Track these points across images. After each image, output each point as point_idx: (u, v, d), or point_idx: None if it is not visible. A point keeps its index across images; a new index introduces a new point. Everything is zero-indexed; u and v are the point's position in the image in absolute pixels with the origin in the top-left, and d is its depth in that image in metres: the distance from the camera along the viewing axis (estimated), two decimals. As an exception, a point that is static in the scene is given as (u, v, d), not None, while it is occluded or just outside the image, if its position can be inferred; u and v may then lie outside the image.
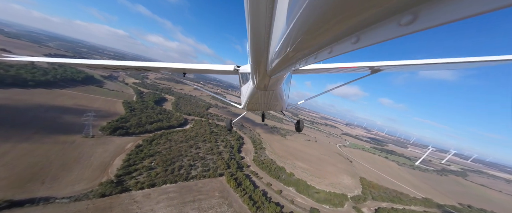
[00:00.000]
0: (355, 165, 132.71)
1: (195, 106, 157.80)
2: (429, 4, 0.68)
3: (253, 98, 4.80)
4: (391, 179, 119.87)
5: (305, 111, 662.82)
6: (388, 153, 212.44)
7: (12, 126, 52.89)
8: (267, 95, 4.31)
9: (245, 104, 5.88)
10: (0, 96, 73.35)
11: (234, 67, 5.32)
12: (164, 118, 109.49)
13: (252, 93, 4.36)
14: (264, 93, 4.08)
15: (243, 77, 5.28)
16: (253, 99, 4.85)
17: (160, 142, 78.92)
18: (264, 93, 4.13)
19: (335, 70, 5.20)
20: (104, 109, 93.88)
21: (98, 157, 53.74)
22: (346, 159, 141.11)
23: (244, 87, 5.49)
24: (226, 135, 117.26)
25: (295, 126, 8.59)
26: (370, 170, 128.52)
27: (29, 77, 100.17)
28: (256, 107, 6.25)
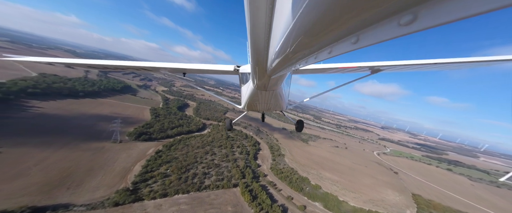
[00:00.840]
0: (402, 177, 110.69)
1: (214, 110, 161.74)
2: (429, 4, 0.67)
3: (253, 98, 4.79)
4: (464, 199, 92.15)
5: (329, 113, 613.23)
6: (451, 164, 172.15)
7: (58, 133, 61.17)
8: (267, 95, 4.31)
9: (245, 104, 5.81)
10: (57, 106, 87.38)
11: (234, 67, 5.26)
12: (185, 123, 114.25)
13: (252, 93, 4.37)
14: (264, 93, 4.10)
15: (243, 77, 5.23)
16: (253, 99, 4.84)
17: (178, 148, 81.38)
18: (264, 93, 4.16)
19: (335, 70, 5.17)
20: (133, 116, 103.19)
21: (121, 163, 57.39)
22: (388, 170, 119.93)
23: (244, 87, 5.45)
24: (242, 140, 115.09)
25: (295, 126, 8.50)
26: (426, 185, 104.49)
27: (80, 88, 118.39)
28: (256, 107, 6.12)
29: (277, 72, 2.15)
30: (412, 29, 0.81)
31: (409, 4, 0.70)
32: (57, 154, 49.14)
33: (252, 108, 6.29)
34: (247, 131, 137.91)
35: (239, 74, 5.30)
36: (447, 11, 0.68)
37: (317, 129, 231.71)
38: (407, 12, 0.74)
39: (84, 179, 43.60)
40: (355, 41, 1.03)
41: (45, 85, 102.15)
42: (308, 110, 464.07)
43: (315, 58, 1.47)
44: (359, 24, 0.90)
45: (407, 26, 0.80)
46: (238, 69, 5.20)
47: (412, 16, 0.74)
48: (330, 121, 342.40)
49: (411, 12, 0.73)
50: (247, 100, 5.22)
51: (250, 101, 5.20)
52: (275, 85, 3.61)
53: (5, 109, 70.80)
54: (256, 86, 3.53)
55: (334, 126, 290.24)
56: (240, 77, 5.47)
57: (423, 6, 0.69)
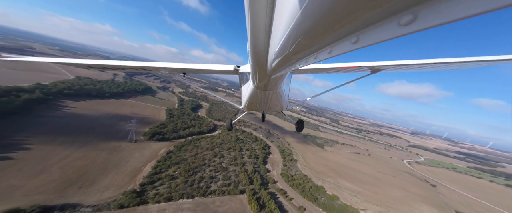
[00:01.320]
0: (442, 191, 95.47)
1: (225, 112, 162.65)
2: (429, 4, 0.67)
3: (253, 98, 4.81)
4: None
5: (348, 116, 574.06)
6: (510, 179, 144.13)
7: (82, 132, 66.47)
8: (267, 95, 4.34)
9: (245, 104, 5.80)
10: (85, 106, 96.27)
11: (234, 67, 5.26)
12: (196, 123, 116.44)
13: (252, 93, 4.39)
14: (264, 93, 4.13)
15: (243, 77, 5.24)
16: (253, 99, 4.86)
17: (188, 149, 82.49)
18: (264, 93, 4.18)
19: (335, 70, 5.18)
20: (150, 116, 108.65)
21: (133, 162, 59.64)
22: (423, 182, 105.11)
23: (244, 87, 5.47)
24: (252, 143, 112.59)
25: (295, 126, 8.35)
26: (476, 202, 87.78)
27: (107, 89, 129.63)
28: (256, 107, 6.16)
29: (277, 72, 2.16)
30: (412, 29, 0.81)
31: (409, 4, 0.70)
32: (77, 152, 52.89)
33: (252, 108, 6.29)
34: (257, 133, 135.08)
35: (239, 74, 5.28)
36: (447, 11, 0.68)
37: (334, 133, 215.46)
38: (407, 12, 0.73)
39: (97, 178, 45.76)
40: (355, 41, 1.02)
41: (78, 87, 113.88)
42: (324, 113, 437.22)
43: (315, 58, 1.46)
44: (359, 24, 0.89)
45: (407, 26, 0.79)
46: (238, 69, 5.18)
47: (412, 16, 0.74)
48: (349, 124, 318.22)
49: (411, 12, 0.73)
50: (247, 100, 5.21)
51: (250, 101, 5.19)
52: (275, 85, 3.61)
53: (43, 108, 79.99)
54: (256, 86, 3.56)
55: (354, 130, 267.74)
56: (240, 77, 5.45)
57: (423, 6, 0.69)
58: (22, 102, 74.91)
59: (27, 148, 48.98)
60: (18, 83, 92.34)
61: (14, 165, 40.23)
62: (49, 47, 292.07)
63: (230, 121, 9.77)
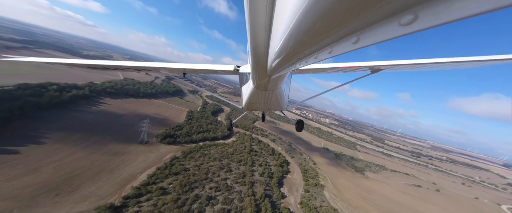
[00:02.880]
0: None
1: (244, 118, 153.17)
2: (429, 4, 0.65)
3: (253, 98, 4.78)
4: None
5: (396, 135, 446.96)
6: None
7: (100, 129, 68.04)
8: (267, 95, 4.30)
9: (245, 104, 5.72)
10: (118, 104, 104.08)
11: (234, 67, 5.20)
12: (212, 128, 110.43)
13: (252, 93, 4.35)
14: (264, 93, 4.10)
15: (243, 77, 5.20)
16: (253, 99, 4.83)
17: (194, 157, 75.12)
18: (264, 93, 4.15)
19: (335, 70, 5.18)
20: (170, 118, 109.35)
21: (132, 168, 55.23)
22: None
23: (244, 87, 5.41)
24: (267, 157, 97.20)
25: (295, 126, 7.86)
26: None
27: (142, 90, 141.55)
28: (256, 107, 6.06)
29: (277, 72, 2.14)
30: (412, 29, 0.80)
31: (410, 4, 0.68)
32: (82, 152, 51.77)
33: (252, 108, 6.14)
34: (276, 145, 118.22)
35: (239, 74, 5.20)
36: (447, 11, 0.67)
37: (378, 155, 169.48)
38: (407, 12, 0.72)
39: (83, 184, 41.64)
40: (355, 41, 1.00)
41: (120, 86, 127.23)
42: (362, 129, 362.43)
43: (315, 58, 1.43)
44: (359, 24, 0.87)
45: (407, 26, 0.78)
46: (238, 69, 5.10)
47: (413, 16, 0.72)
48: (399, 145, 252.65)
49: (412, 12, 0.71)
50: (247, 100, 5.13)
51: (250, 101, 5.13)
52: (275, 85, 3.58)
53: (84, 104, 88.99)
54: (256, 86, 3.55)
55: (408, 153, 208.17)
56: (240, 77, 5.37)
57: (423, 6, 0.67)
58: (68, 97, 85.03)
59: (42, 142, 50.47)
60: (77, 81, 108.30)
61: (12, 161, 39.99)
62: (123, 56, 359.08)
63: (230, 121, 9.19)
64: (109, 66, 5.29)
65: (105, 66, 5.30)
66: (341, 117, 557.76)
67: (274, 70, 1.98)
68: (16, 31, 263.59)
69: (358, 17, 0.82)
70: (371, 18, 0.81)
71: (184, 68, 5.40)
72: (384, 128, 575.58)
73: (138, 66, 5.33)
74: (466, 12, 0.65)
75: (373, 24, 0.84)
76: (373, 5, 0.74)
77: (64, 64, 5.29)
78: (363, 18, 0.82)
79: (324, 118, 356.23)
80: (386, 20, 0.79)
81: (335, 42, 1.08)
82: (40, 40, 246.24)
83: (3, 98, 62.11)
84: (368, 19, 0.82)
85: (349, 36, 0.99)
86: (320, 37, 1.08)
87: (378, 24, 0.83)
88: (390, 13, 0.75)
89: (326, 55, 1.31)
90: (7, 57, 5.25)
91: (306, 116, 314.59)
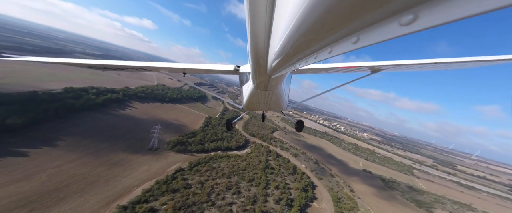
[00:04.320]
0: None
1: (262, 127, 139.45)
2: (429, 4, 0.64)
3: (253, 98, 4.72)
4: None
5: (471, 159, 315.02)
6: None
7: (115, 134, 67.54)
8: (267, 95, 4.27)
9: (245, 104, 5.56)
10: (143, 108, 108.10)
11: (234, 67, 5.16)
12: (227, 137, 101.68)
13: (252, 93, 4.32)
14: (264, 93, 4.07)
15: (243, 77, 5.14)
16: (253, 99, 4.77)
17: (201, 170, 66.31)
18: (264, 93, 4.12)
19: (335, 70, 5.12)
20: (187, 124, 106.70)
21: (131, 178, 49.80)
22: None
23: (244, 87, 5.31)
24: (286, 176, 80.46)
25: (295, 126, 7.89)
26: None
27: (169, 95, 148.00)
28: (256, 107, 6.00)
29: (277, 72, 2.12)
30: (412, 29, 0.78)
31: (409, 4, 0.67)
32: (86, 158, 49.46)
33: (252, 108, 6.08)
34: (298, 161, 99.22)
35: (239, 74, 5.16)
36: (447, 11, 0.65)
37: (453, 185, 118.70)
38: (407, 12, 0.71)
39: (69, 196, 36.95)
40: (355, 41, 0.99)
41: (149, 91, 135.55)
42: (417, 148, 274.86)
43: (315, 58, 1.41)
44: (359, 24, 0.86)
45: (407, 26, 0.77)
46: (238, 69, 5.06)
47: (413, 16, 0.71)
48: (485, 174, 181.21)
49: (412, 12, 0.70)
50: (247, 100, 5.04)
51: (250, 101, 5.05)
52: (275, 85, 3.56)
53: (115, 107, 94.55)
54: (256, 86, 3.51)
55: (503, 186, 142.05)
56: (240, 77, 5.32)
57: (423, 6, 0.66)
58: (102, 100, 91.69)
59: (55, 145, 50.56)
60: (117, 86, 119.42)
61: (15, 165, 38.95)
62: None
63: (230, 121, 8.95)
64: (109, 66, 5.18)
65: (105, 66, 5.18)
66: (383, 132, 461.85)
67: (274, 70, 1.97)
68: (99, 48, 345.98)
69: (358, 17, 0.81)
70: (371, 18, 0.79)
71: (184, 68, 5.36)
72: (449, 149, 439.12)
73: (138, 66, 5.21)
74: (466, 12, 0.64)
75: (373, 24, 0.83)
76: (373, 5, 0.72)
77: (64, 64, 5.15)
78: (363, 18, 0.81)
79: (360, 131, 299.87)
80: (386, 20, 0.77)
81: (335, 42, 1.06)
82: (113, 55, 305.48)
83: (46, 100, 68.96)
84: (368, 19, 0.80)
85: (349, 36, 0.97)
86: (320, 37, 1.06)
87: (378, 24, 0.81)
88: (390, 13, 0.74)
89: (326, 55, 1.29)
90: (7, 57, 5.21)
91: (337, 128, 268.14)
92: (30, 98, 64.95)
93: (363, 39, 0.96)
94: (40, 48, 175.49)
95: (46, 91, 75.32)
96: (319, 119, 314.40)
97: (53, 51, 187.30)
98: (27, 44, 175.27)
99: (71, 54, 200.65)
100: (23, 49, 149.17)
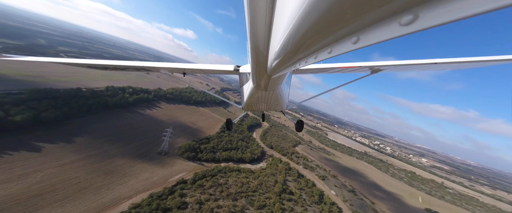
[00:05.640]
0: None
1: (282, 138, 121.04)
2: (429, 4, 0.63)
3: (253, 98, 4.71)
4: None
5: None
6: None
7: (130, 135, 66.46)
8: (267, 95, 4.25)
9: (245, 104, 5.50)
10: (167, 109, 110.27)
11: (234, 67, 5.03)
12: (242, 146, 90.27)
13: (252, 93, 4.28)
14: (264, 93, 4.04)
15: (243, 77, 5.02)
16: (253, 99, 4.76)
17: (204, 185, 56.17)
18: (264, 93, 4.10)
19: (335, 70, 5.04)
20: (204, 128, 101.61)
21: (125, 188, 44.00)
22: None
23: (244, 87, 5.22)
24: (308, 206, 61.36)
25: (295, 126, 7.50)
26: None
27: (194, 97, 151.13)
28: (256, 107, 5.90)
29: (277, 72, 2.09)
30: (412, 29, 0.77)
31: (409, 4, 0.66)
32: (90, 159, 47.14)
33: (252, 108, 5.98)
34: (326, 186, 77.34)
35: (239, 74, 5.04)
36: (447, 11, 0.64)
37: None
38: (407, 12, 0.69)
39: (48, 206, 32.48)
40: (355, 41, 0.98)
41: (177, 93, 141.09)
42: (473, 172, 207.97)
43: (315, 58, 1.39)
44: (359, 24, 0.84)
45: (407, 26, 0.75)
46: (238, 69, 4.95)
47: (412, 16, 0.70)
48: None
49: (411, 12, 0.69)
50: (247, 100, 5.02)
51: (250, 101, 5.02)
52: (275, 85, 3.54)
53: (143, 106, 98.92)
54: (256, 86, 3.46)
55: None
56: (240, 77, 5.17)
57: (423, 6, 0.65)
58: (133, 99, 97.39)
59: (72, 141, 50.79)
60: (148, 86, 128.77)
61: (21, 160, 38.66)
62: None
63: (230, 121, 8.20)
64: (109, 66, 5.16)
65: (105, 66, 5.15)
66: (450, 158, 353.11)
67: (274, 70, 1.95)
68: (155, 57, 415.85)
69: (358, 17, 0.80)
70: (371, 18, 0.78)
71: (184, 68, 5.30)
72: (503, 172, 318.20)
73: (138, 66, 5.17)
74: (466, 12, 0.62)
75: (373, 24, 0.81)
76: (373, 5, 0.71)
77: (64, 64, 5.16)
78: (363, 18, 0.80)
79: (416, 156, 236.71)
80: (386, 20, 0.76)
81: (335, 42, 1.04)
82: None
83: (86, 96, 75.70)
84: (368, 19, 0.79)
85: (349, 36, 0.96)
86: (320, 37, 1.05)
87: (378, 24, 0.80)
88: (390, 13, 0.72)
89: (326, 55, 1.26)
90: (7, 57, 5.24)
91: (382, 149, 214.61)
92: (74, 94, 72.38)
93: (363, 39, 0.94)
94: (116, 57, 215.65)
95: (90, 88, 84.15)
96: (354, 135, 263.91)
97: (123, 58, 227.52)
98: (110, 53, 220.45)
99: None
100: (106, 58, 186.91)
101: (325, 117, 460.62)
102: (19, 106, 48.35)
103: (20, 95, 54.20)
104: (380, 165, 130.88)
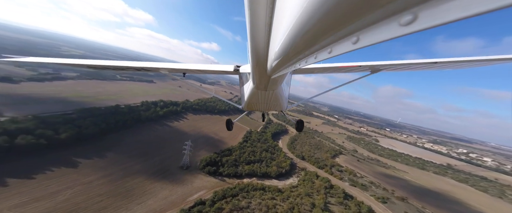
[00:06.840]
0: None
1: (315, 147, 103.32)
2: (429, 4, 0.64)
3: (253, 98, 4.73)
4: None
5: None
6: None
7: (156, 149, 67.51)
8: (267, 95, 4.28)
9: (245, 104, 5.55)
10: (192, 120, 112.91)
11: (234, 67, 5.15)
12: (267, 158, 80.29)
13: (252, 93, 4.30)
14: (264, 93, 4.06)
15: (243, 77, 5.13)
16: (253, 99, 4.79)
17: (224, 208, 49.25)
18: (264, 93, 4.12)
19: (335, 70, 5.16)
20: (225, 138, 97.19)
21: (141, 208, 40.91)
22: None
23: (244, 87, 5.29)
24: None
25: (295, 126, 7.75)
26: None
27: (218, 107, 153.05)
28: (256, 107, 5.95)
29: (277, 72, 2.09)
30: (412, 29, 0.77)
31: (409, 4, 0.67)
32: (114, 175, 47.50)
33: (252, 108, 6.05)
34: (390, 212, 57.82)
35: (239, 74, 5.16)
36: (447, 11, 0.64)
37: None
38: (407, 12, 0.70)
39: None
40: (355, 41, 0.98)
41: (203, 104, 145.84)
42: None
43: (315, 58, 1.39)
44: (359, 24, 0.85)
45: (407, 26, 0.75)
46: (238, 69, 5.05)
47: (412, 16, 0.70)
48: None
49: (411, 12, 0.69)
50: (247, 100, 5.04)
51: (250, 101, 5.05)
52: (275, 85, 3.57)
53: (171, 118, 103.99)
54: (256, 86, 3.50)
55: None
56: (240, 77, 5.33)
57: (423, 6, 0.66)
58: (163, 112, 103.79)
59: (104, 156, 53.58)
60: (178, 99, 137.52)
61: (58, 177, 40.98)
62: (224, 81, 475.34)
63: (230, 121, 8.47)
64: (109, 67, 5.26)
65: (105, 66, 5.25)
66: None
67: (274, 70, 1.95)
68: None
69: (358, 17, 0.80)
70: (371, 18, 0.79)
71: (184, 68, 5.39)
72: None
73: (138, 67, 5.25)
74: (466, 12, 0.62)
75: (373, 24, 0.82)
76: (373, 5, 0.71)
77: (65, 65, 5.23)
78: (363, 18, 0.80)
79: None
80: (386, 20, 0.76)
81: (335, 42, 1.05)
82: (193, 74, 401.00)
83: (123, 112, 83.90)
84: (368, 19, 0.79)
85: (349, 36, 0.96)
86: (320, 37, 1.05)
87: (378, 24, 0.80)
88: (390, 13, 0.73)
89: (326, 55, 1.26)
90: (7, 57, 5.27)
91: (478, 160, 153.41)
92: (114, 111, 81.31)
93: (363, 39, 0.94)
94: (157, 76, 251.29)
95: (127, 105, 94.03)
96: (420, 141, 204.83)
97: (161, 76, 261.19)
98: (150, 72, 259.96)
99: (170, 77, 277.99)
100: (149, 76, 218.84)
101: (368, 119, 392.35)
102: (67, 124, 54.88)
103: (72, 114, 62.77)
104: (485, 186, 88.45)
